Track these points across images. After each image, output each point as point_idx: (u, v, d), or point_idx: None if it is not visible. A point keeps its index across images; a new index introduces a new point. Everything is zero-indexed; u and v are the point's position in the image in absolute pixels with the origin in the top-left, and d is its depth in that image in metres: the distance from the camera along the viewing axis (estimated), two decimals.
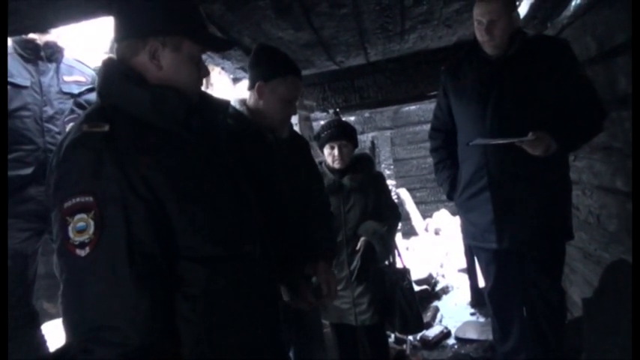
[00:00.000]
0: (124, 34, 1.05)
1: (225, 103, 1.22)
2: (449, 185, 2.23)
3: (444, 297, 4.47)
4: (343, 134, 2.31)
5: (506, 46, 1.89)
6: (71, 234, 0.87)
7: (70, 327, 0.90)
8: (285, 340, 1.40)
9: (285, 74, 1.59)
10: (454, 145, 2.19)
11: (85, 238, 0.87)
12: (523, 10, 2.47)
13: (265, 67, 1.59)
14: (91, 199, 0.88)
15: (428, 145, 2.47)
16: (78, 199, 0.88)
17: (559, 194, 1.96)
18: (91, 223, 0.87)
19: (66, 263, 0.89)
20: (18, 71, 2.02)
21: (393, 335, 3.37)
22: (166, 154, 0.98)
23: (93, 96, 2.18)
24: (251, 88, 1.62)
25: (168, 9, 1.04)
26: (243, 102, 1.66)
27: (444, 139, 2.25)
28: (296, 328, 1.81)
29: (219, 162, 1.14)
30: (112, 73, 1.03)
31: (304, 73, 3.27)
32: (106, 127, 0.93)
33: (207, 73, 1.15)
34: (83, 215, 0.87)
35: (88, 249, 0.86)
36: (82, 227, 0.87)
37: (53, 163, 0.96)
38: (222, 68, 2.96)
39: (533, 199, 1.91)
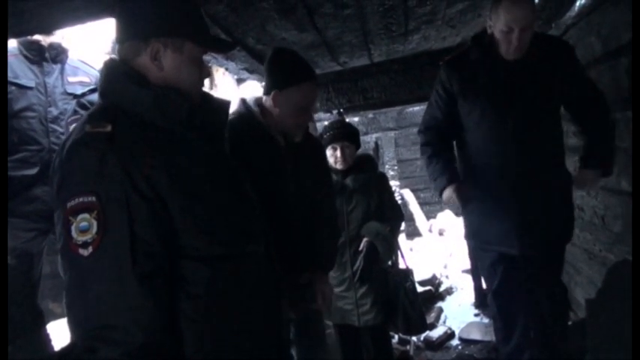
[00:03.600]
0: (126, 35, 1.05)
1: (227, 104, 1.23)
2: (449, 172, 2.06)
3: (448, 298, 4.45)
4: (345, 135, 2.31)
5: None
6: (74, 234, 0.88)
7: (74, 326, 0.90)
8: (288, 340, 1.40)
9: (300, 82, 1.54)
10: (449, 140, 2.14)
11: (88, 237, 0.87)
12: None
13: (279, 75, 1.55)
14: (93, 199, 0.88)
15: None
16: (81, 199, 0.88)
17: (569, 196, 1.98)
18: (94, 222, 0.88)
19: (69, 263, 0.90)
20: (23, 72, 2.04)
21: (396, 336, 3.37)
22: (169, 154, 0.99)
23: (96, 97, 2.20)
24: (266, 94, 1.59)
25: (170, 11, 1.05)
26: (258, 102, 1.62)
27: (437, 135, 2.14)
28: (298, 329, 1.81)
29: (221, 162, 1.14)
30: (115, 74, 1.04)
31: None
32: (109, 128, 0.94)
33: (208, 74, 1.15)
34: (86, 215, 0.88)
35: (91, 248, 0.87)
36: (85, 227, 0.88)
37: (56, 163, 0.96)
38: (226, 69, 2.96)
39: (549, 202, 1.91)
